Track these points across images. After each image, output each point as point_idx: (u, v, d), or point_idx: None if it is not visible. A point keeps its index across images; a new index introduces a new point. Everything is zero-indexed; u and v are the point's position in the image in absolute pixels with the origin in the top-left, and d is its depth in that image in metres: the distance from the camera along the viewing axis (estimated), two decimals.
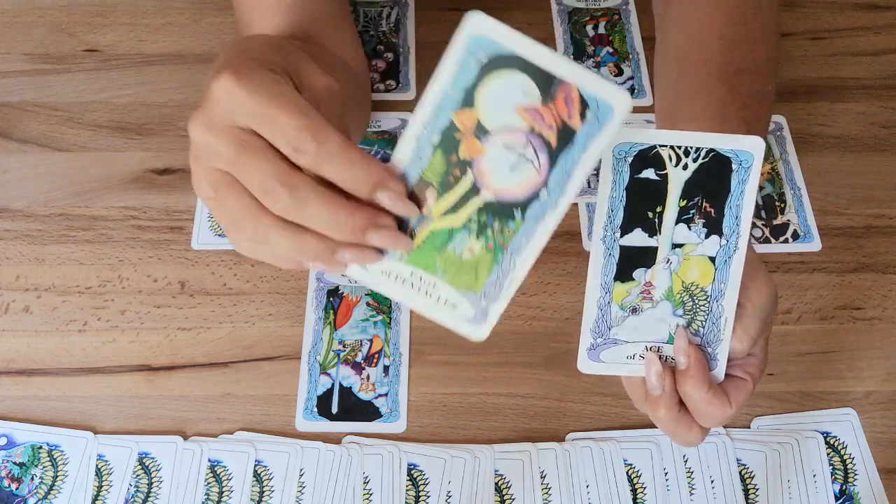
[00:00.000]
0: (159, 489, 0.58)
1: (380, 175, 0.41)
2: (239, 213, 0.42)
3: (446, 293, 0.43)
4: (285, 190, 0.40)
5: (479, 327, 0.44)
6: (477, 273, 0.43)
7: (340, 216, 0.41)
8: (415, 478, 0.58)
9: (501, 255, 0.43)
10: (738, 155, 0.45)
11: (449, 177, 0.41)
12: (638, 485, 0.58)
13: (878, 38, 0.82)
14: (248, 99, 0.40)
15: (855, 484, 0.59)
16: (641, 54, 0.79)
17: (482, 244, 0.43)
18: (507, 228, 0.42)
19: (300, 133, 0.40)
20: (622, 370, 0.49)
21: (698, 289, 0.47)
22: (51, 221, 0.69)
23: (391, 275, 0.43)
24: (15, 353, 0.64)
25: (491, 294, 0.44)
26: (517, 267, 0.43)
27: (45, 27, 0.81)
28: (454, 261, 0.43)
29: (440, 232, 0.43)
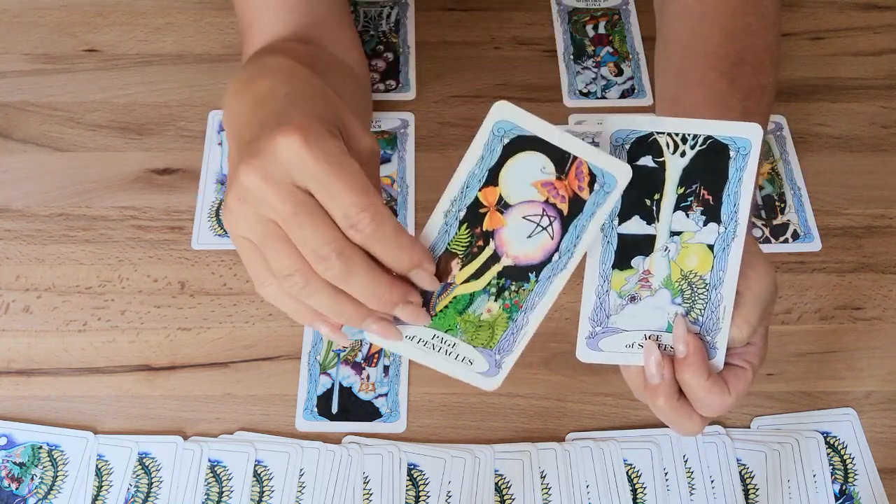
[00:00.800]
0: (159, 489, 0.58)
1: (420, 257, 0.44)
2: (291, 267, 0.43)
3: (464, 351, 0.47)
4: (340, 261, 0.42)
5: (492, 379, 0.47)
6: (493, 331, 0.47)
7: (382, 289, 0.44)
8: (415, 478, 0.58)
9: (516, 314, 0.46)
10: (735, 142, 0.45)
11: (473, 248, 0.45)
12: (638, 485, 0.58)
13: (878, 38, 0.82)
14: (314, 165, 0.42)
15: (855, 484, 0.59)
16: (641, 54, 0.80)
17: (499, 305, 0.46)
18: (523, 289, 0.46)
19: (361, 212, 0.42)
20: (621, 359, 0.49)
21: (697, 277, 0.47)
22: (51, 221, 0.69)
23: (414, 339, 0.47)
24: (15, 353, 0.64)
25: (505, 348, 0.47)
26: (529, 322, 0.47)
27: (45, 27, 0.81)
28: (473, 321, 0.47)
29: (462, 297, 0.46)
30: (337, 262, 0.42)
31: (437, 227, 0.45)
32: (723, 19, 0.62)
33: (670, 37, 0.65)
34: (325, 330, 0.46)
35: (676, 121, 0.45)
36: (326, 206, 0.43)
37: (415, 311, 0.45)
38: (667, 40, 0.66)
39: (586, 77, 0.78)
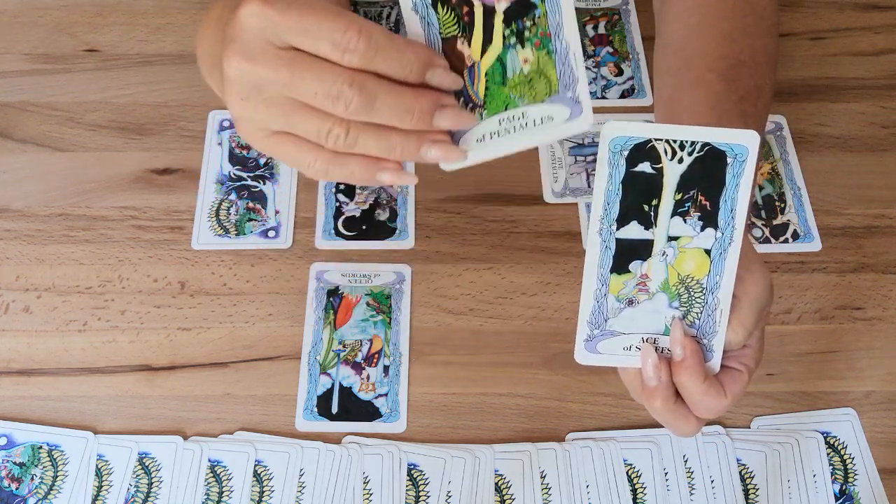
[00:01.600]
0: (159, 489, 0.58)
1: (426, 54, 0.42)
2: (323, 125, 0.42)
3: (537, 112, 0.44)
4: (355, 89, 0.41)
5: (581, 118, 0.44)
6: (546, 76, 0.43)
7: (409, 100, 0.41)
8: (415, 478, 0.58)
9: (551, 44, 0.43)
10: (732, 149, 0.45)
11: (463, 17, 0.43)
12: (638, 485, 0.58)
13: (878, 38, 0.82)
14: (282, 17, 0.41)
15: (855, 484, 0.59)
16: (641, 54, 0.79)
17: (530, 48, 0.43)
18: (538, 18, 0.43)
19: (346, 33, 0.40)
20: (619, 361, 0.49)
21: (694, 281, 0.47)
22: (51, 221, 0.69)
23: (485, 137, 0.44)
24: (15, 353, 0.64)
25: (568, 82, 0.43)
26: (570, 42, 0.43)
27: (45, 27, 0.81)
28: (521, 81, 0.43)
29: (493, 67, 0.43)
30: (351, 91, 0.41)
31: (416, 25, 0.43)
32: (721, 21, 0.62)
33: (669, 37, 0.65)
34: (389, 176, 0.44)
35: (674, 127, 0.45)
36: (315, 49, 0.41)
37: (456, 114, 0.43)
38: (665, 41, 0.66)
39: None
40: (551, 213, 0.70)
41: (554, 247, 0.68)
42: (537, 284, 0.67)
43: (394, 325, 0.65)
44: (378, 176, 0.44)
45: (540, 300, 0.66)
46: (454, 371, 0.63)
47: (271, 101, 0.42)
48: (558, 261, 0.68)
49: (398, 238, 0.69)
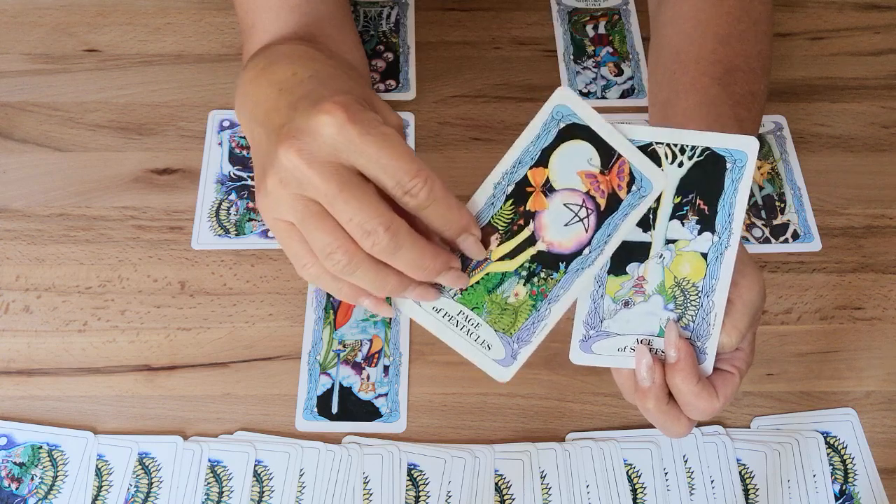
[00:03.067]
0: (159, 489, 0.58)
1: (469, 220, 0.45)
2: (333, 244, 0.43)
3: (485, 334, 0.48)
4: (389, 234, 0.42)
5: (505, 370, 0.48)
6: (516, 317, 0.47)
7: (427, 260, 0.44)
8: (415, 478, 0.58)
9: (541, 303, 0.47)
10: (732, 154, 0.46)
11: (514, 225, 0.47)
12: (638, 485, 0.58)
13: (878, 38, 0.82)
14: (360, 140, 0.42)
15: (855, 484, 0.59)
16: (641, 54, 0.80)
17: (527, 290, 0.47)
18: (552, 278, 0.47)
19: (413, 178, 0.43)
20: (613, 362, 0.49)
21: (690, 284, 0.48)
22: (51, 221, 0.69)
23: (440, 311, 0.47)
24: (15, 353, 0.64)
25: (524, 338, 0.48)
26: (551, 314, 0.47)
27: (45, 27, 0.81)
28: (500, 303, 0.47)
29: (494, 275, 0.47)
30: (385, 236, 0.42)
31: (485, 197, 0.46)
32: (716, 26, 0.62)
33: (664, 41, 0.65)
34: (369, 303, 0.47)
35: (676, 131, 0.46)
36: (377, 179, 0.43)
37: (456, 276, 0.46)
38: (660, 44, 0.66)
39: (586, 77, 0.78)
40: None
41: None
42: None
43: (394, 325, 0.65)
44: (360, 301, 0.47)
45: None
46: (454, 371, 0.63)
47: (304, 200, 0.44)
48: None
49: None
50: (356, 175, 0.43)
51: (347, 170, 0.43)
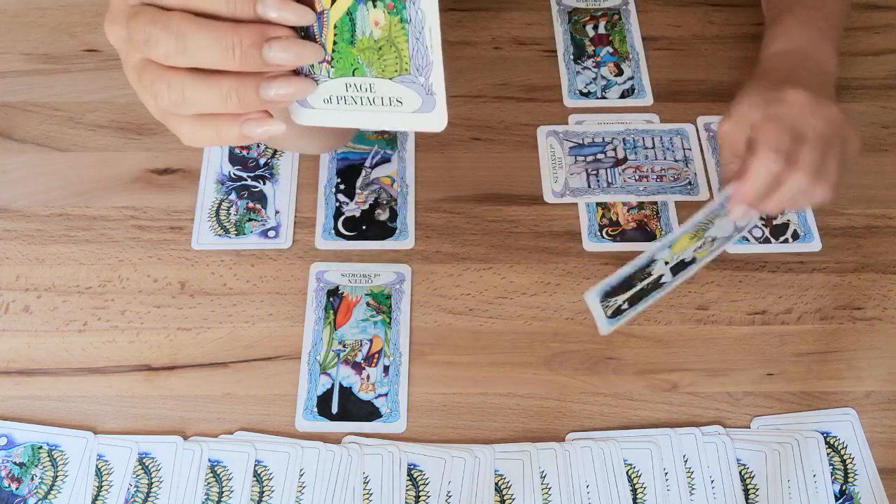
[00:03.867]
0: (159, 489, 0.58)
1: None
2: (153, 83, 0.39)
3: (386, 90, 0.39)
4: (158, 27, 0.38)
5: (432, 115, 0.39)
6: (398, 49, 0.38)
7: (226, 36, 0.38)
8: (415, 478, 0.58)
9: (405, 11, 0.37)
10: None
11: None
12: (638, 485, 0.58)
13: (878, 38, 0.82)
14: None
15: (855, 484, 0.59)
16: (641, 54, 0.80)
17: (382, 9, 0.37)
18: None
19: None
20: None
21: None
22: (51, 221, 0.69)
23: (331, 99, 0.39)
24: (15, 353, 0.64)
25: (422, 66, 0.38)
26: (426, 15, 0.37)
27: (45, 27, 0.81)
28: (371, 47, 0.38)
29: (342, 21, 0.38)
30: (156, 30, 0.38)
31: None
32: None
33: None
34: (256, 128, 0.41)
35: None
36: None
37: (289, 45, 0.38)
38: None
39: (586, 77, 0.78)
40: (551, 213, 0.70)
41: (554, 247, 0.68)
42: (537, 284, 0.67)
43: (394, 325, 0.65)
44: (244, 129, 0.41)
45: (540, 300, 0.66)
46: (454, 371, 0.63)
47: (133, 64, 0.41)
48: (558, 261, 0.68)
49: (398, 238, 0.69)
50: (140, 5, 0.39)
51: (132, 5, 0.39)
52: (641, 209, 0.70)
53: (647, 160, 0.73)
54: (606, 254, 0.68)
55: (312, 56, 0.39)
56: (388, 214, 0.70)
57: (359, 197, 0.71)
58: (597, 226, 0.69)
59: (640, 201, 0.71)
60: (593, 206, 0.70)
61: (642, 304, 0.58)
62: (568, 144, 0.74)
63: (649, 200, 0.71)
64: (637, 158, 0.73)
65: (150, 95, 0.41)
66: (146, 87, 0.40)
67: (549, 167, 0.72)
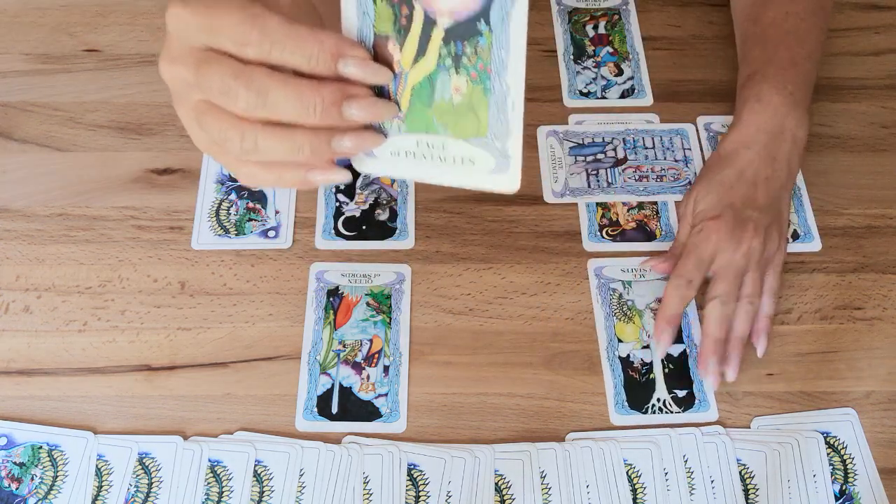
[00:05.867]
0: (159, 489, 0.58)
1: (335, 45, 0.39)
2: (222, 131, 0.40)
3: (459, 150, 0.39)
4: (240, 82, 0.38)
5: (506, 175, 0.39)
6: (476, 113, 0.39)
7: (306, 95, 0.39)
8: (415, 478, 0.58)
9: (489, 82, 0.38)
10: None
11: (401, 18, 0.38)
12: (638, 485, 0.58)
13: (878, 38, 0.82)
14: (191, 16, 0.40)
15: (855, 484, 0.59)
16: (641, 54, 0.80)
17: (465, 77, 0.38)
18: (480, 48, 0.37)
19: (239, 26, 0.38)
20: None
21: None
22: (51, 221, 0.69)
23: (400, 153, 0.40)
24: (15, 353, 0.64)
25: (500, 132, 0.39)
26: (511, 87, 0.38)
27: (45, 27, 0.81)
28: (448, 109, 0.39)
29: (421, 84, 0.39)
30: (237, 85, 0.38)
31: (352, 12, 0.39)
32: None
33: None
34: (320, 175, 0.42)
35: None
36: (219, 46, 0.39)
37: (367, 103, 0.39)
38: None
39: (586, 77, 0.78)
40: (551, 213, 0.70)
41: (554, 247, 0.68)
42: (537, 284, 0.67)
43: (394, 325, 0.65)
44: (309, 177, 0.42)
45: (540, 300, 0.66)
46: (454, 371, 0.63)
47: (193, 105, 0.42)
48: (558, 261, 0.68)
49: (398, 238, 0.69)
50: (212, 52, 0.40)
51: (200, 50, 0.40)
52: (641, 209, 0.70)
53: (647, 160, 0.73)
54: (606, 254, 0.68)
55: (388, 115, 0.40)
56: (387, 214, 0.70)
57: (359, 197, 0.71)
58: (597, 226, 0.69)
59: (640, 201, 0.71)
60: (593, 206, 0.70)
61: None
62: (568, 144, 0.74)
63: (649, 200, 0.71)
64: (637, 158, 0.73)
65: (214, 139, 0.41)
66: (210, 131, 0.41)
67: (548, 167, 0.72)
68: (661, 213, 0.70)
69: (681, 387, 0.62)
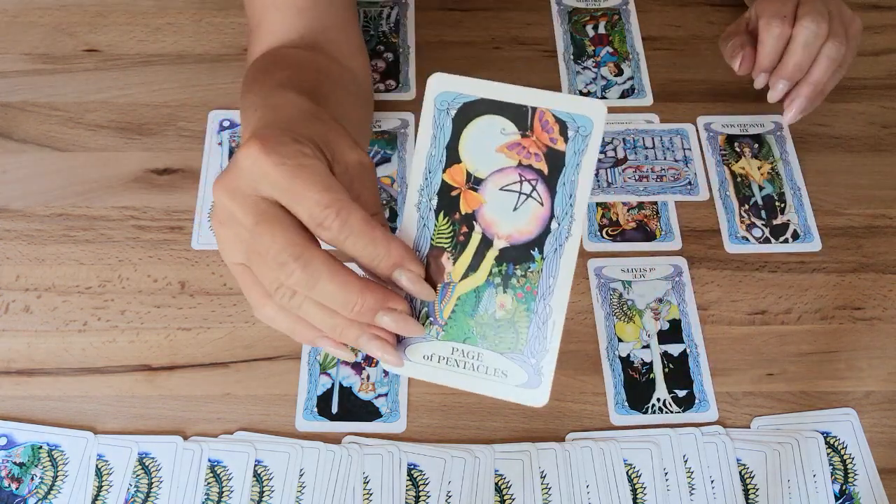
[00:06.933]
0: (159, 489, 0.58)
1: (400, 256, 0.41)
2: (276, 280, 0.42)
3: (493, 362, 0.42)
4: (298, 265, 0.40)
5: (536, 391, 0.41)
6: (517, 330, 0.41)
7: (351, 295, 0.41)
8: (415, 478, 0.58)
9: (534, 303, 0.41)
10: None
11: (458, 236, 0.41)
12: (638, 485, 0.58)
13: (878, 38, 0.82)
14: (272, 170, 0.41)
15: (855, 484, 0.59)
16: (641, 54, 0.80)
17: (511, 296, 0.41)
18: (531, 272, 0.41)
19: (324, 209, 0.40)
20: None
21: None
22: (51, 221, 0.69)
23: (433, 358, 0.42)
24: (15, 353, 0.64)
25: (537, 350, 0.41)
26: (553, 311, 0.41)
27: (45, 27, 0.81)
28: (489, 323, 0.41)
29: (467, 295, 0.41)
30: (295, 266, 0.40)
31: (412, 222, 0.41)
32: None
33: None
34: (328, 346, 0.45)
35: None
36: (294, 211, 0.41)
37: (402, 319, 0.42)
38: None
39: (586, 77, 0.78)
40: None
41: None
42: None
43: None
44: (318, 342, 0.45)
45: None
46: None
47: (241, 238, 0.43)
48: None
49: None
50: (276, 207, 0.41)
51: (267, 202, 0.41)
52: (641, 209, 0.70)
53: (647, 160, 0.73)
54: (606, 253, 0.68)
55: (414, 333, 0.42)
56: (388, 214, 0.70)
57: None
58: (597, 226, 0.69)
59: (640, 201, 0.71)
60: (593, 206, 0.70)
61: None
62: None
63: (649, 200, 0.71)
64: (637, 158, 0.73)
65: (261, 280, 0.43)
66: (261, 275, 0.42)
67: None
68: (661, 213, 0.70)
69: (681, 387, 0.62)
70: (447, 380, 0.42)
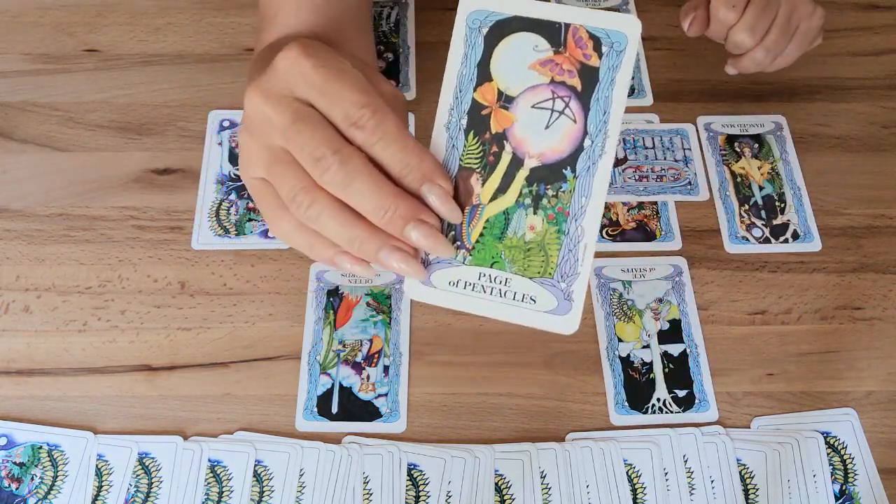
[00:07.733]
0: (159, 489, 0.58)
1: (431, 168, 0.40)
2: (295, 187, 0.41)
3: (521, 287, 0.40)
4: (337, 158, 0.39)
5: (566, 317, 0.40)
6: (547, 253, 0.40)
7: (385, 199, 0.39)
8: (415, 478, 0.58)
9: (565, 224, 0.39)
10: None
11: (488, 156, 0.40)
12: (638, 485, 0.58)
13: (878, 38, 0.82)
14: (312, 70, 0.40)
15: (855, 484, 0.59)
16: (641, 54, 0.79)
17: (542, 218, 0.39)
18: (563, 192, 0.39)
19: (360, 109, 0.39)
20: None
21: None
22: (51, 221, 0.69)
23: (458, 283, 0.40)
24: (15, 353, 0.64)
25: (568, 273, 0.40)
26: (586, 232, 0.39)
27: (45, 27, 0.81)
28: (519, 246, 0.40)
29: (496, 218, 0.40)
30: (334, 160, 0.39)
31: (442, 143, 0.40)
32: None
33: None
34: (347, 262, 0.43)
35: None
36: (327, 112, 0.40)
37: (430, 234, 0.40)
38: None
39: None
40: None
41: None
42: None
43: (394, 325, 0.65)
44: (336, 259, 0.43)
45: None
46: (454, 371, 0.63)
47: (269, 148, 0.42)
48: None
49: None
50: (312, 109, 0.41)
51: (303, 104, 0.41)
52: (641, 209, 0.70)
53: (647, 160, 0.73)
54: (606, 253, 0.68)
55: (443, 253, 0.40)
56: None
57: None
58: None
59: (640, 201, 0.71)
60: None
61: None
62: None
63: (649, 200, 0.71)
64: (637, 158, 0.73)
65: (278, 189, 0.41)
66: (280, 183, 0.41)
67: None
68: (661, 213, 0.70)
69: (681, 387, 0.62)
70: (473, 307, 0.40)
